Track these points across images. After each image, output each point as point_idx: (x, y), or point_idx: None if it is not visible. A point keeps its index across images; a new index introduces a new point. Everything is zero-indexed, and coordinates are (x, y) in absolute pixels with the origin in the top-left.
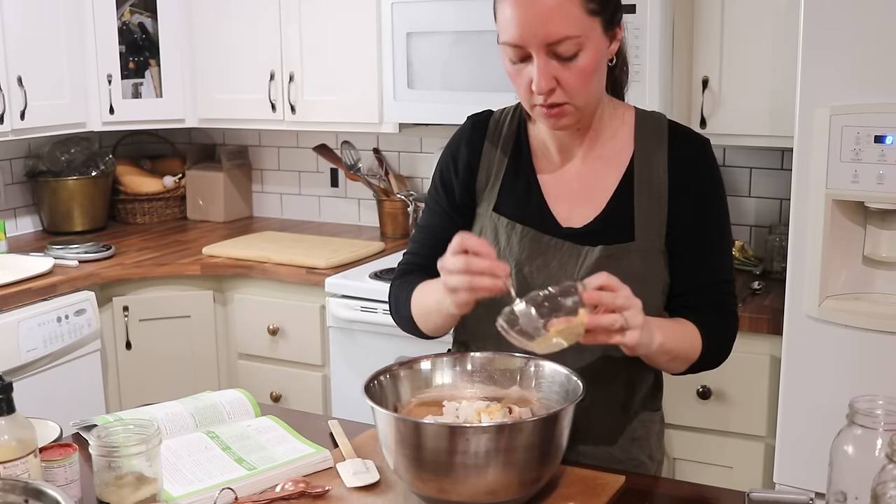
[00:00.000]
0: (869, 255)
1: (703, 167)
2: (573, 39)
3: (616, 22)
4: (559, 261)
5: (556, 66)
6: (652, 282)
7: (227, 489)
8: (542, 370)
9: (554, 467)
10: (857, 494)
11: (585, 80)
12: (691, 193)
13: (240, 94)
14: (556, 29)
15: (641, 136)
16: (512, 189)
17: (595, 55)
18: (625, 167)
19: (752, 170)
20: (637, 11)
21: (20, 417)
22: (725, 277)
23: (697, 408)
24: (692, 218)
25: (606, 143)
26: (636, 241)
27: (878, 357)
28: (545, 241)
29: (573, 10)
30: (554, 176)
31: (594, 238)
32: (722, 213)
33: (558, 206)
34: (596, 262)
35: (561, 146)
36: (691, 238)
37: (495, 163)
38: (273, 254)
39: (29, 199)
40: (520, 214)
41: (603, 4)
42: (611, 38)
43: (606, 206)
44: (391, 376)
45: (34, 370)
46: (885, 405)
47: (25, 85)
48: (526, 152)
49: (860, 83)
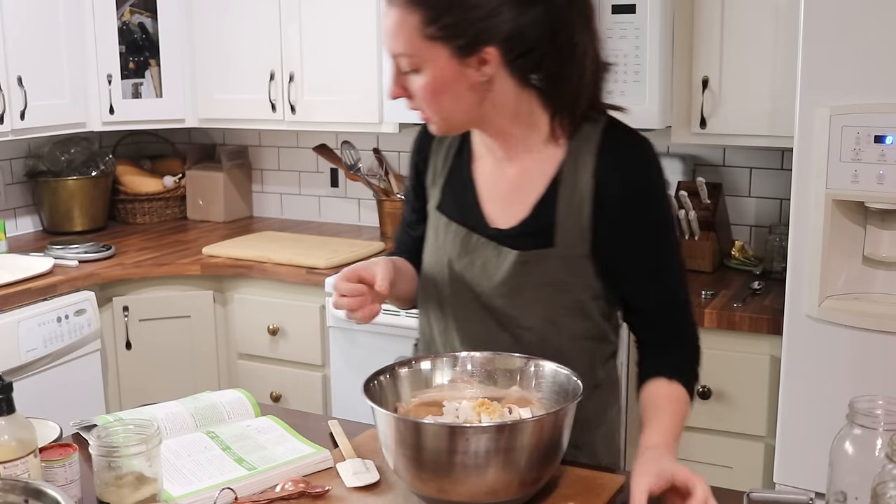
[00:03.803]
0: (869, 255)
1: (634, 171)
2: (408, 58)
3: (475, 49)
4: (483, 261)
5: (404, 76)
6: (574, 288)
7: (227, 489)
8: (542, 370)
9: (554, 467)
10: (857, 494)
11: (428, 97)
12: (621, 198)
13: (240, 94)
14: (393, 44)
15: (575, 140)
16: (452, 187)
17: (437, 78)
18: (554, 171)
19: (752, 170)
20: (637, 11)
21: (20, 417)
22: (682, 300)
23: (697, 408)
24: (623, 225)
25: (542, 148)
26: (556, 247)
27: (878, 357)
28: (473, 241)
29: (408, 32)
30: (488, 176)
31: (516, 241)
32: (661, 216)
33: (489, 206)
34: (512, 266)
35: (491, 148)
36: (626, 243)
37: (440, 162)
38: (273, 254)
39: (29, 199)
40: (457, 213)
41: (447, 31)
42: (477, 62)
43: (532, 210)
44: (391, 376)
45: (34, 370)
46: (885, 405)
47: (25, 85)
48: (467, 152)
49: (860, 83)
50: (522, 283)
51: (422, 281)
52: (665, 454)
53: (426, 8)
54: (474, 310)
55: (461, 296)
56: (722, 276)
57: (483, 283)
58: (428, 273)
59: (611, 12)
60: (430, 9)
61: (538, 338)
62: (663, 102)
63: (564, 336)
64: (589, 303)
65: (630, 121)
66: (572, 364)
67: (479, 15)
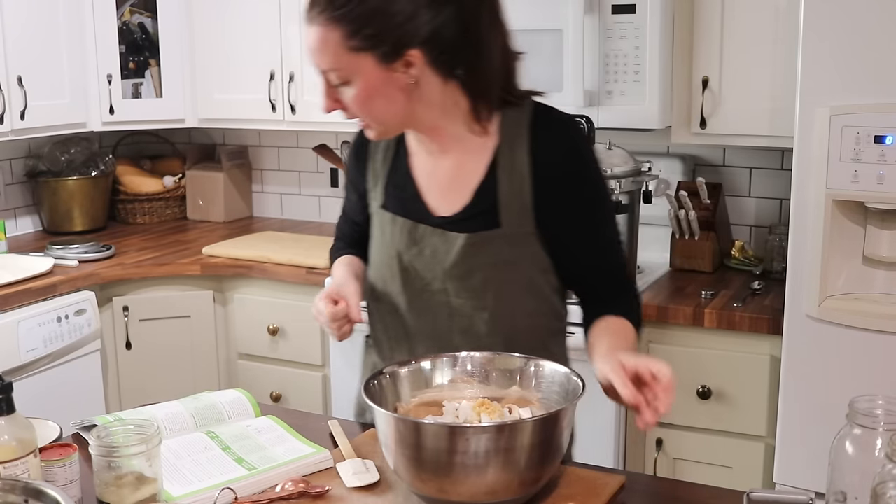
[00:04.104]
0: (869, 255)
1: (567, 148)
2: (337, 72)
3: (399, 53)
4: (432, 248)
5: (335, 90)
6: (524, 265)
7: (227, 489)
8: (542, 370)
9: (554, 467)
10: (857, 494)
11: (361, 106)
12: (557, 174)
13: (240, 94)
14: (320, 60)
15: (505, 125)
16: (393, 186)
17: (367, 86)
18: (490, 157)
19: (752, 170)
20: (637, 11)
21: (20, 417)
22: (621, 266)
23: (697, 408)
24: (562, 200)
25: (474, 138)
26: (502, 227)
27: (878, 357)
28: (420, 231)
29: (333, 47)
30: (426, 170)
31: (462, 226)
32: (597, 191)
33: (430, 196)
34: (462, 249)
35: (423, 143)
36: (566, 218)
37: (379, 165)
38: (273, 254)
39: (29, 199)
40: (401, 208)
41: (371, 41)
42: (403, 65)
43: (474, 196)
44: (391, 376)
45: (34, 370)
46: (885, 405)
47: (25, 85)
48: (403, 151)
49: (860, 83)
50: (473, 265)
51: (370, 280)
52: (622, 351)
53: (346, 22)
54: (426, 297)
55: (412, 285)
56: (722, 276)
57: (434, 268)
58: (377, 270)
59: (611, 12)
60: (350, 22)
61: (491, 317)
62: (663, 102)
63: (517, 314)
64: (539, 278)
65: (630, 121)
66: (526, 341)
67: (399, 21)
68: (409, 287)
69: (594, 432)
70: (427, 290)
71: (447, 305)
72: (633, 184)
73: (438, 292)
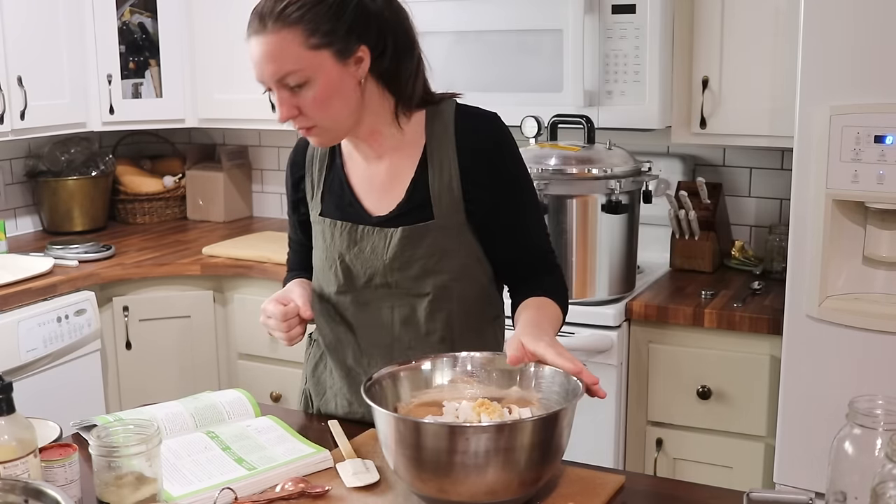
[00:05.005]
0: (869, 255)
1: (489, 141)
2: (297, 73)
3: (351, 49)
4: (371, 245)
5: (293, 96)
6: (460, 253)
7: (227, 489)
8: (542, 370)
9: (554, 467)
10: (857, 494)
11: (321, 106)
12: (482, 167)
13: (240, 94)
14: (279, 67)
15: (431, 124)
16: (331, 194)
17: (327, 83)
18: (420, 156)
19: (752, 170)
20: (637, 11)
21: (20, 417)
22: (547, 248)
23: (697, 408)
24: (488, 189)
25: (403, 139)
26: (436, 219)
27: (878, 357)
28: (359, 231)
29: (293, 49)
30: (361, 175)
31: (398, 221)
32: (518, 178)
33: (367, 200)
34: (399, 242)
35: (360, 150)
36: (491, 205)
37: (315, 175)
38: (273, 254)
39: (29, 199)
40: (339, 213)
41: (328, 37)
42: (354, 62)
43: (406, 193)
44: (391, 376)
45: (34, 370)
46: (885, 405)
47: (25, 85)
48: (339, 160)
49: (860, 83)
50: (411, 256)
51: (314, 283)
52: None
53: (305, 21)
54: (368, 293)
55: (355, 282)
56: (722, 276)
57: (375, 263)
58: (322, 273)
59: (611, 12)
60: (308, 21)
61: (432, 306)
62: (663, 102)
63: (455, 301)
64: (474, 267)
65: (630, 121)
66: (463, 327)
67: (349, 19)
68: (352, 284)
69: (594, 432)
70: (369, 285)
71: (389, 297)
72: (633, 184)
73: (380, 286)
